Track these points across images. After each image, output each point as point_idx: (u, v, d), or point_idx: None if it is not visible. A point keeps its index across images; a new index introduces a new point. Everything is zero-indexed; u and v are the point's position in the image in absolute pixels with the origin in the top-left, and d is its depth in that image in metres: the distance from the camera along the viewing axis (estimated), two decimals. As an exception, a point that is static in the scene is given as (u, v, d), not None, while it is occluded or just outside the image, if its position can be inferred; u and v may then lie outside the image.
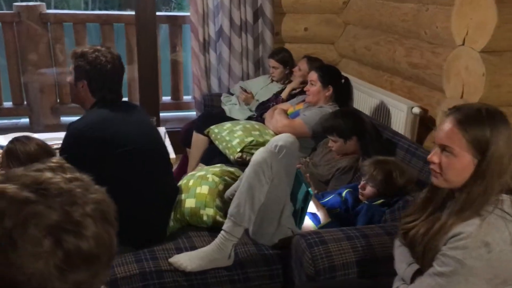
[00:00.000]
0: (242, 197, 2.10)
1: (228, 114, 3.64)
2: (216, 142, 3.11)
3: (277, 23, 3.97)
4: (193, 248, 2.16)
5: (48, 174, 0.78)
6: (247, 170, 2.14)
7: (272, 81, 3.76)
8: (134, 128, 2.21)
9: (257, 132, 3.00)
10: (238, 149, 2.89)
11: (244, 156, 2.88)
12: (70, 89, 2.26)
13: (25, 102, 4.64)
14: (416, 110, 2.98)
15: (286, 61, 3.68)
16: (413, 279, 1.50)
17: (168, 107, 4.71)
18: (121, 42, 4.93)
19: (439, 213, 1.48)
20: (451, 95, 2.53)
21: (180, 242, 2.22)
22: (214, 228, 2.31)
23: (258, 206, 2.10)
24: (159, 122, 3.97)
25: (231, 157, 2.93)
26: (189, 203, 2.32)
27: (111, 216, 0.81)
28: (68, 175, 0.80)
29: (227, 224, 2.10)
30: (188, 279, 2.02)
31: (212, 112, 3.71)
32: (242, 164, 2.82)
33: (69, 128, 2.12)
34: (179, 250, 2.15)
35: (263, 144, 2.91)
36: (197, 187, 2.36)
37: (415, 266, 1.51)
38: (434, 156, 1.44)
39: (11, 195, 0.73)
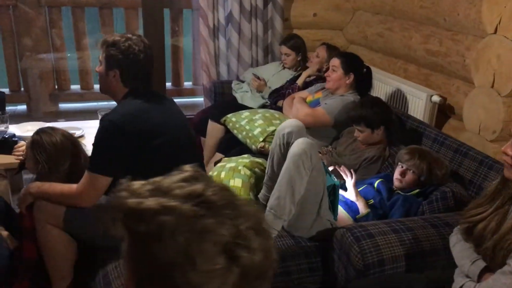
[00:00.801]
0: (282, 190, 2.07)
1: (240, 101, 3.58)
2: (235, 131, 3.06)
3: (286, 8, 3.91)
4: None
5: (200, 186, 0.73)
6: (287, 162, 2.10)
7: (284, 68, 3.71)
8: (168, 118, 2.15)
9: (277, 121, 2.95)
10: (261, 139, 2.85)
11: (267, 145, 2.83)
12: (100, 79, 2.17)
13: (22, 89, 4.50)
14: (436, 98, 2.97)
15: (299, 47, 3.63)
16: (480, 276, 1.49)
17: (170, 94, 4.62)
18: (120, 27, 4.81)
19: (508, 206, 1.46)
20: (481, 84, 2.53)
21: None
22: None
23: (298, 198, 2.08)
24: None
25: (253, 146, 2.88)
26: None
27: (265, 226, 0.76)
28: (214, 185, 0.74)
29: (267, 218, 2.06)
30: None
31: (225, 100, 3.64)
32: (264, 153, 2.78)
33: (104, 121, 2.04)
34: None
35: (285, 133, 2.88)
36: (230, 179, 2.33)
37: (481, 263, 1.50)
38: (509, 148, 1.42)
39: (178, 210, 0.68)
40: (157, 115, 2.11)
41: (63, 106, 4.68)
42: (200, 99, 4.17)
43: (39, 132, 2.27)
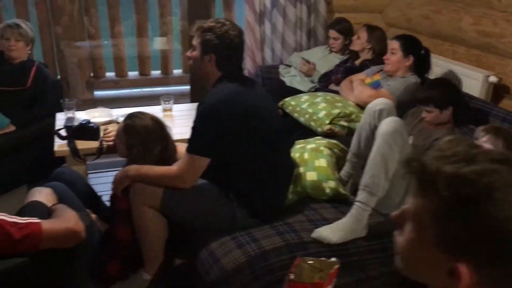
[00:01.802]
0: (376, 168, 2.13)
1: (289, 85, 3.63)
2: (295, 115, 3.10)
3: (330, -8, 3.95)
4: (325, 220, 2.19)
5: (497, 151, 0.77)
6: (378, 140, 2.16)
7: (331, 52, 3.75)
8: (261, 101, 2.20)
9: (340, 104, 3.01)
10: (327, 121, 2.90)
11: (333, 128, 2.89)
12: (194, 63, 2.22)
13: (58, 77, 4.50)
14: (493, 79, 3.04)
15: (347, 31, 3.67)
16: None
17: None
18: (153, 13, 4.81)
19: None
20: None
21: (309, 214, 2.24)
22: (331, 200, 2.35)
23: (391, 175, 2.15)
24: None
25: (319, 129, 2.93)
26: (311, 176, 2.34)
27: None
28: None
29: (362, 195, 2.13)
30: (331, 249, 2.05)
31: (274, 85, 3.69)
32: (330, 136, 2.84)
33: (202, 105, 2.09)
34: (311, 222, 2.18)
35: (349, 115, 2.95)
36: (315, 160, 2.38)
37: None
38: None
39: (499, 170, 0.72)
40: (252, 98, 2.16)
41: (98, 93, 4.68)
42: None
43: (130, 116, 2.31)
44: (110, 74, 4.69)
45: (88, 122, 2.72)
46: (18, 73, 3.26)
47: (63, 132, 2.65)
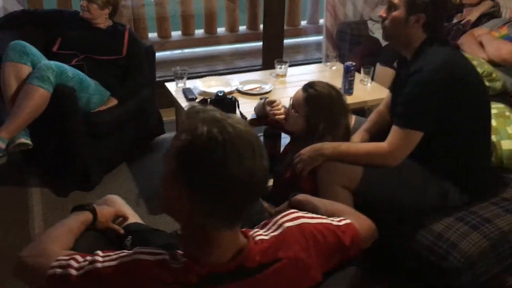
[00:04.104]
0: None
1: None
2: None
3: None
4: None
5: None
6: None
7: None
8: (471, 67, 1.94)
9: (475, 62, 2.76)
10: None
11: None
12: (391, 24, 1.92)
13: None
14: None
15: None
16: None
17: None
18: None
19: None
20: None
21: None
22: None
23: None
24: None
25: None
26: (506, 145, 2.12)
27: None
28: None
29: None
30: None
31: (371, 43, 3.39)
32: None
33: (422, 72, 1.81)
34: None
35: (491, 74, 2.72)
36: (505, 127, 2.18)
37: None
38: None
39: None
40: (465, 61, 1.91)
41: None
42: (316, 39, 3.88)
43: (311, 85, 2.03)
44: (152, 35, 4.25)
45: (224, 94, 2.36)
46: (110, 40, 2.85)
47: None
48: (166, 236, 1.58)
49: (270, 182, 2.27)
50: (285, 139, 2.65)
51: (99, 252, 1.05)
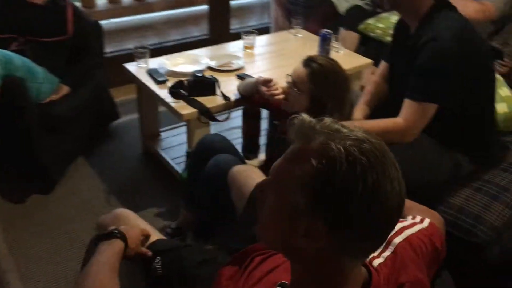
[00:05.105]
0: None
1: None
2: (388, 39, 2.77)
3: None
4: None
5: None
6: None
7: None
8: (478, 36, 1.88)
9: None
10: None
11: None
12: None
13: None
14: None
15: None
16: None
17: None
18: None
19: None
20: None
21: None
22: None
23: None
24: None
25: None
26: (501, 108, 2.10)
27: None
28: None
29: None
30: None
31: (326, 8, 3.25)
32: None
33: (434, 42, 1.71)
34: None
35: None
36: (497, 90, 2.13)
37: None
38: None
39: None
40: (474, 28, 1.85)
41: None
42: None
43: (313, 59, 1.85)
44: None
45: (203, 74, 2.13)
46: (51, 17, 2.46)
47: (181, 90, 2.05)
48: (197, 250, 1.39)
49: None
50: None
51: None
